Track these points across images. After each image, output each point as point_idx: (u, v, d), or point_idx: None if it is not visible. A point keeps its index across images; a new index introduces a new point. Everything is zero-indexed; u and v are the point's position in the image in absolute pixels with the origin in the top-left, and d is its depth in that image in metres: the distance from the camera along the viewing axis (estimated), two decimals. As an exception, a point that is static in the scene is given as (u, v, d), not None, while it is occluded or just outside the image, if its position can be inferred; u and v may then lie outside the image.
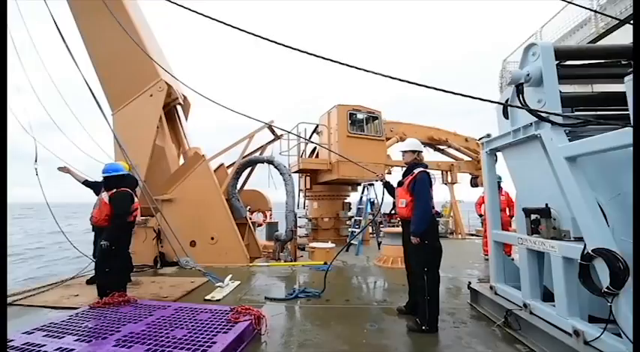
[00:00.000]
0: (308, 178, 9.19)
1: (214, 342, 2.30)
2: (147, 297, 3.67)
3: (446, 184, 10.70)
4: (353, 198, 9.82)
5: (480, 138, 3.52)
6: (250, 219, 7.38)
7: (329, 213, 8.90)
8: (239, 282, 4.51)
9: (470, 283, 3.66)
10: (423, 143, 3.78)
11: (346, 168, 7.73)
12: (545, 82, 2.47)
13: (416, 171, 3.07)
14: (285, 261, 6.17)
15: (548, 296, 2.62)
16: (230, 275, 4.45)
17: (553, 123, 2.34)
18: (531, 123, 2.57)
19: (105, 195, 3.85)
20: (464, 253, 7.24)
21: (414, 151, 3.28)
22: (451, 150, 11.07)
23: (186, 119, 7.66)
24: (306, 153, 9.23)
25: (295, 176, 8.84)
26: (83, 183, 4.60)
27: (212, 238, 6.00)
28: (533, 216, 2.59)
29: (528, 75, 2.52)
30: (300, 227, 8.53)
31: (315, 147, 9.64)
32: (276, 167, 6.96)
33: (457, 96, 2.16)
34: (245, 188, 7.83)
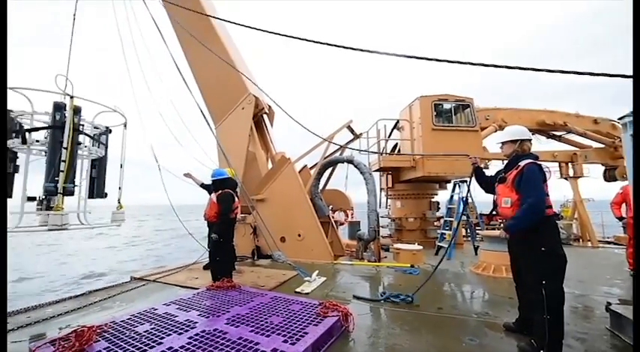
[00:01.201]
0: (389, 176, 8.86)
1: (306, 333, 2.43)
2: (248, 284, 4.16)
3: (566, 178, 8.69)
4: (442, 196, 8.99)
5: (622, 117, 2.71)
6: (332, 217, 7.58)
7: (414, 213, 8.35)
8: (325, 278, 4.68)
9: (609, 304, 2.87)
10: (531, 130, 3.12)
11: (432, 164, 7.14)
12: None
13: (522, 163, 2.58)
14: (368, 261, 6.10)
15: None
16: (317, 271, 4.66)
17: None
18: None
19: (213, 196, 4.57)
20: (597, 265, 5.75)
21: (514, 141, 2.77)
22: (572, 136, 8.94)
23: (272, 126, 8.42)
24: (386, 151, 8.95)
25: (376, 175, 8.67)
26: (200, 185, 5.56)
27: (299, 235, 6.42)
28: None
29: None
30: (382, 227, 8.30)
31: (396, 144, 9.25)
32: (355, 166, 6.96)
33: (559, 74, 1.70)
34: (327, 188, 8.10)
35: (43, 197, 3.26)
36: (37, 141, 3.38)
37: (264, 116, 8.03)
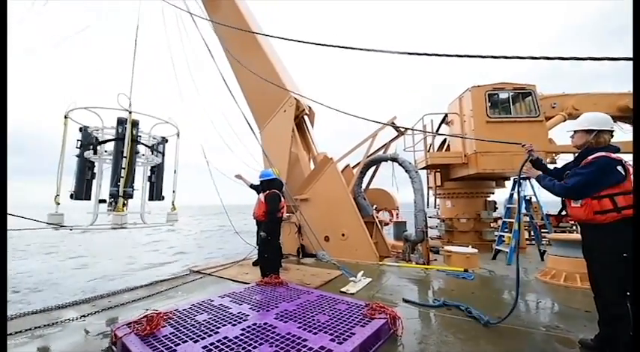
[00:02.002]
0: (438, 174, 8.35)
1: (353, 333, 2.40)
2: (294, 282, 4.27)
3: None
4: (499, 195, 8.20)
5: None
6: (377, 217, 7.40)
7: (467, 213, 7.74)
8: (370, 279, 4.59)
9: None
10: (612, 117, 2.65)
11: (487, 160, 6.54)
12: None
13: (593, 155, 2.24)
14: (416, 263, 5.83)
15: None
16: (362, 272, 4.59)
17: None
18: None
19: (261, 196, 4.79)
20: None
21: (589, 131, 2.39)
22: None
23: (312, 127, 8.53)
24: (434, 147, 8.45)
25: (423, 173, 8.25)
26: (250, 186, 5.88)
27: (343, 234, 6.39)
28: None
29: None
30: (431, 228, 7.86)
31: (444, 140, 8.69)
32: (400, 164, 6.70)
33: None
34: (371, 187, 7.94)
35: (111, 199, 3.69)
36: (106, 151, 3.87)
37: (305, 117, 8.18)
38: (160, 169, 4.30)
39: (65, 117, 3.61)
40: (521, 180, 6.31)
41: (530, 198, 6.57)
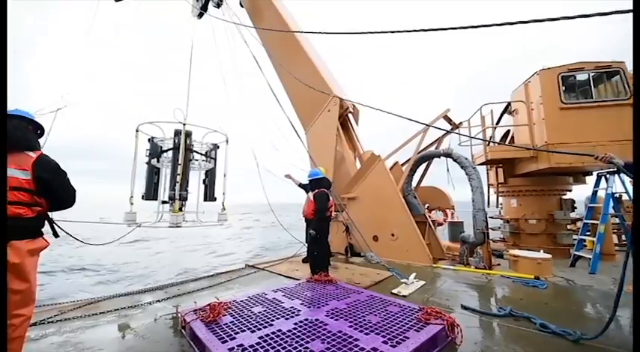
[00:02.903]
0: (500, 170, 7.55)
1: (407, 337, 2.30)
2: (343, 280, 4.26)
3: None
4: (577, 193, 7.10)
5: None
6: (429, 217, 7.00)
7: (537, 213, 6.83)
8: (424, 282, 4.36)
9: None
10: None
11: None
12: None
13: None
14: (476, 267, 5.36)
15: None
16: (414, 274, 4.38)
17: None
18: None
19: (310, 195, 4.88)
20: None
21: None
22: None
23: (357, 124, 8.40)
24: (494, 140, 7.69)
25: (482, 168, 7.55)
26: (298, 185, 6.04)
27: (392, 235, 6.18)
28: None
29: None
30: (492, 229, 7.16)
31: (507, 131, 7.84)
32: (455, 160, 6.23)
33: None
34: (422, 185, 7.54)
35: (170, 201, 4.19)
36: (166, 158, 4.41)
37: (350, 115, 8.11)
38: (213, 173, 4.75)
39: (136, 130, 4.21)
40: (607, 175, 5.39)
41: (621, 195, 5.54)
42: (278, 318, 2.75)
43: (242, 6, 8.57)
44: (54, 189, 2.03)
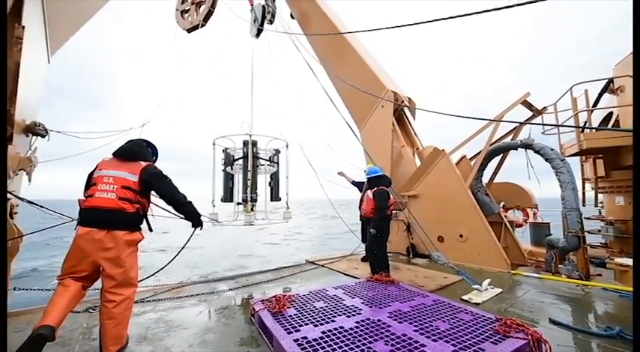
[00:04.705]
0: (600, 161, 6.28)
1: (482, 349, 2.07)
2: (405, 282, 4.07)
3: None
4: None
5: None
6: (506, 217, 6.21)
7: (652, 213, 5.49)
8: (500, 290, 3.89)
9: None
10: None
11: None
12: None
13: None
14: (569, 277, 4.57)
15: None
16: (489, 280, 3.94)
17: None
18: None
19: (369, 193, 4.78)
20: None
21: None
22: None
23: (414, 118, 7.90)
24: (590, 125, 6.44)
25: (574, 160, 6.40)
26: (352, 183, 6.00)
27: (461, 235, 5.66)
28: None
29: None
30: (589, 232, 6.01)
31: (608, 114, 6.49)
32: (537, 152, 5.39)
33: None
34: (496, 181, 6.74)
35: (243, 203, 4.90)
36: (238, 165, 5.09)
37: (405, 109, 7.69)
38: (277, 176, 5.28)
39: (213, 143, 4.92)
40: None
41: None
42: (339, 315, 2.77)
43: (293, 17, 8.91)
44: (157, 189, 2.48)
